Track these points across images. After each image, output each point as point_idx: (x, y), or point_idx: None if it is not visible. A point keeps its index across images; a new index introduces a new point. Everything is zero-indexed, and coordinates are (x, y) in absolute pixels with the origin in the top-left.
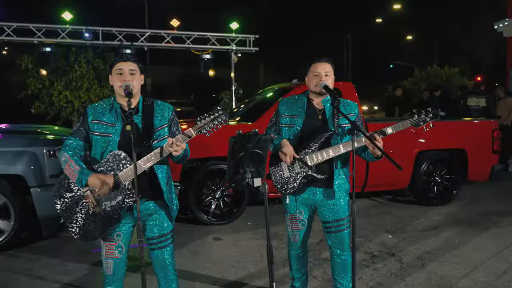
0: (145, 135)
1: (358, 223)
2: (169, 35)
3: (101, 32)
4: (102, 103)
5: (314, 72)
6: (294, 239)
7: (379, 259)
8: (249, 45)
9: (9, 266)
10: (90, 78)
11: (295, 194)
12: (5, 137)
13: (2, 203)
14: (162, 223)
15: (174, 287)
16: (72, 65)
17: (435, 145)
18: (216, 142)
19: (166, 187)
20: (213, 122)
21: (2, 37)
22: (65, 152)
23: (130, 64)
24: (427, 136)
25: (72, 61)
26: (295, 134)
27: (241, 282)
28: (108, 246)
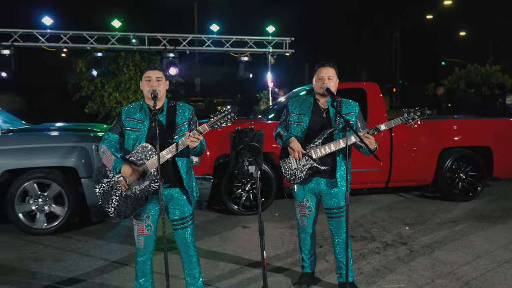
0: (168, 130)
1: (379, 216)
2: (209, 39)
3: (147, 37)
4: (134, 104)
5: (319, 76)
6: (302, 224)
7: (391, 247)
8: (285, 47)
9: (64, 245)
10: (137, 81)
11: (302, 184)
12: (60, 134)
13: (57, 192)
14: (183, 207)
15: (194, 261)
16: (121, 68)
17: (459, 142)
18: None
19: (186, 175)
20: (224, 119)
21: (59, 44)
22: (104, 145)
23: (157, 72)
24: (451, 133)
25: (121, 65)
26: (302, 131)
27: (260, 261)
28: (139, 225)
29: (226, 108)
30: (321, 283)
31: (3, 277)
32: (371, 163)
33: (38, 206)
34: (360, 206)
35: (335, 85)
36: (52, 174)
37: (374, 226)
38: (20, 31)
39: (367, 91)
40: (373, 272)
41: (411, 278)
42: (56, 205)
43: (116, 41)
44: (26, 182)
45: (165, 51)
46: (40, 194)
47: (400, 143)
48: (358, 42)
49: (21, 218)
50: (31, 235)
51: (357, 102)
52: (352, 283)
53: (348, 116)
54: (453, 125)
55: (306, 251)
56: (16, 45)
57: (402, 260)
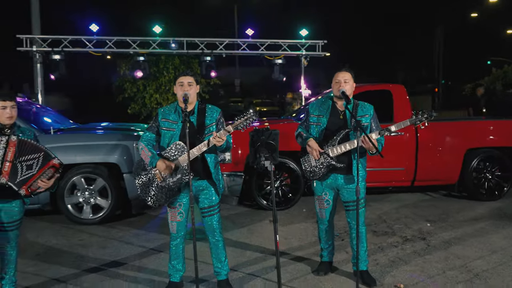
0: (198, 130)
1: (403, 213)
2: (244, 42)
3: (185, 42)
4: (169, 107)
5: (336, 80)
6: (321, 216)
7: (409, 242)
8: (318, 50)
9: (107, 234)
10: None
11: (320, 180)
12: (105, 133)
13: (102, 186)
14: (211, 197)
15: (220, 246)
16: (162, 71)
17: (485, 143)
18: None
19: (214, 169)
20: (246, 121)
21: (105, 49)
22: (142, 142)
23: (189, 77)
24: (477, 134)
25: (161, 68)
26: (321, 131)
27: (284, 252)
28: (172, 212)
29: (248, 112)
30: (338, 271)
31: (56, 259)
32: (396, 162)
33: (85, 198)
34: (386, 204)
35: (351, 88)
36: (98, 170)
37: (396, 222)
38: (70, 38)
39: (393, 92)
40: (388, 263)
41: (423, 269)
42: (101, 198)
43: (157, 46)
44: (74, 177)
45: (202, 55)
46: (87, 188)
47: (425, 143)
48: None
49: (70, 209)
50: (78, 224)
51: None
52: (366, 272)
53: (363, 118)
54: (479, 126)
55: (324, 241)
56: (66, 50)
57: (418, 254)
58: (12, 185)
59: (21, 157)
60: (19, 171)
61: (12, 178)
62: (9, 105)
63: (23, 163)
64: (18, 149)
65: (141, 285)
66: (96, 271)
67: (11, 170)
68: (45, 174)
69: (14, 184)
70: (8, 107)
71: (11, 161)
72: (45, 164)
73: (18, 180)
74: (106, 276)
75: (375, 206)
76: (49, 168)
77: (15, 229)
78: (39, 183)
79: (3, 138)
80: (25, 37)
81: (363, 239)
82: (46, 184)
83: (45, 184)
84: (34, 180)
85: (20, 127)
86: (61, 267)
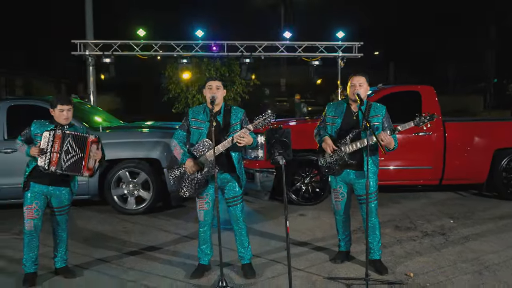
0: (224, 129)
1: (428, 210)
2: (282, 45)
3: (226, 45)
4: (198, 107)
5: (351, 83)
6: (337, 208)
7: (429, 236)
8: (355, 51)
9: (148, 223)
10: None
11: (335, 175)
12: (148, 131)
13: (144, 179)
14: (235, 189)
15: (244, 233)
16: (204, 73)
17: None
18: (304, 137)
19: (237, 164)
20: (264, 121)
21: (151, 52)
22: (175, 140)
23: (217, 82)
24: (506, 134)
25: (203, 69)
26: (336, 130)
27: (307, 242)
28: (200, 202)
29: (266, 113)
30: (354, 260)
31: (101, 243)
32: (424, 161)
33: (129, 190)
34: (413, 201)
35: (365, 91)
36: (141, 164)
37: (420, 219)
38: (119, 42)
39: (422, 93)
40: (403, 254)
41: (436, 261)
42: (143, 190)
43: (199, 49)
44: (120, 170)
45: (242, 57)
46: (131, 181)
47: (453, 143)
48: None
49: (116, 200)
50: (123, 214)
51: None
52: (379, 261)
53: (375, 118)
54: (507, 126)
55: (341, 232)
56: (115, 54)
57: (435, 247)
58: (61, 172)
59: (65, 147)
60: (64, 159)
61: (58, 166)
62: (66, 109)
63: (67, 152)
64: (63, 141)
65: (174, 266)
66: (136, 254)
67: (58, 159)
68: (91, 151)
69: (61, 171)
70: (65, 110)
71: (57, 152)
72: (86, 145)
73: (65, 167)
74: (144, 259)
75: (403, 203)
76: (91, 145)
77: (65, 213)
78: (91, 161)
79: (51, 132)
80: (79, 42)
81: (376, 230)
82: (97, 155)
83: (96, 155)
84: (87, 161)
85: (73, 125)
86: (106, 250)
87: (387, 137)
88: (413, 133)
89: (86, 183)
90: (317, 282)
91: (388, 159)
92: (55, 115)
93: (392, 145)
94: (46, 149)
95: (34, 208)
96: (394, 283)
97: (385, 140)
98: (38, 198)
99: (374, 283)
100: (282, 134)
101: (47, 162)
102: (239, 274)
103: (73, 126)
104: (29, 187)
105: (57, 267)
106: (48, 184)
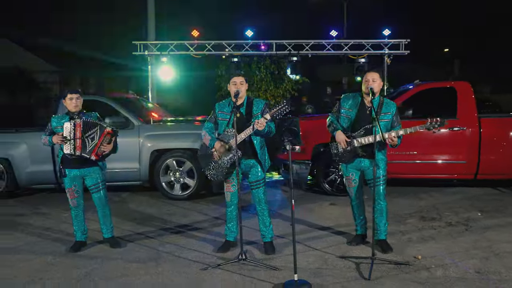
0: (247, 119)
1: (460, 204)
2: (329, 43)
3: (274, 44)
4: (224, 101)
5: (365, 79)
6: (350, 194)
7: (450, 226)
8: (402, 49)
9: (190, 207)
10: (267, 81)
11: (347, 163)
12: (193, 124)
13: (189, 168)
14: (258, 173)
15: (266, 214)
16: (254, 71)
17: None
18: None
19: (260, 150)
20: (279, 110)
21: (204, 51)
22: (204, 130)
23: (241, 77)
24: None
25: (253, 68)
26: (349, 122)
27: (329, 227)
28: (227, 185)
29: (282, 102)
30: (369, 244)
31: (147, 222)
32: (459, 155)
33: (176, 178)
34: (447, 195)
35: (379, 86)
36: (186, 154)
37: (448, 211)
38: (175, 42)
39: (457, 90)
40: (419, 240)
41: (448, 247)
42: (189, 178)
43: (249, 48)
44: (168, 159)
45: (289, 56)
46: (177, 169)
47: (488, 138)
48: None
49: (164, 186)
50: (170, 199)
51: (447, 101)
52: (384, 241)
53: (386, 115)
54: None
55: (356, 216)
56: (171, 53)
57: (452, 235)
58: (85, 155)
59: (86, 133)
60: (87, 144)
61: (84, 150)
62: (75, 97)
63: (88, 137)
64: (83, 128)
65: (205, 242)
66: (176, 233)
67: (82, 144)
68: (104, 140)
69: (86, 153)
70: (74, 99)
71: (80, 137)
72: (102, 133)
73: (88, 150)
74: (181, 236)
75: (436, 197)
76: (106, 135)
77: (102, 189)
78: (102, 148)
79: (72, 122)
80: (139, 43)
81: (383, 212)
82: (108, 147)
83: (107, 147)
84: (98, 147)
85: (85, 112)
86: (150, 228)
87: (394, 140)
88: (447, 128)
89: (138, 170)
90: (329, 260)
91: (421, 153)
92: (66, 103)
93: (395, 143)
94: (70, 137)
95: (74, 189)
96: (400, 263)
97: (392, 142)
98: (75, 181)
99: (382, 262)
100: (291, 123)
101: (73, 148)
102: (260, 251)
103: (86, 114)
104: (65, 173)
105: (105, 237)
106: (78, 168)
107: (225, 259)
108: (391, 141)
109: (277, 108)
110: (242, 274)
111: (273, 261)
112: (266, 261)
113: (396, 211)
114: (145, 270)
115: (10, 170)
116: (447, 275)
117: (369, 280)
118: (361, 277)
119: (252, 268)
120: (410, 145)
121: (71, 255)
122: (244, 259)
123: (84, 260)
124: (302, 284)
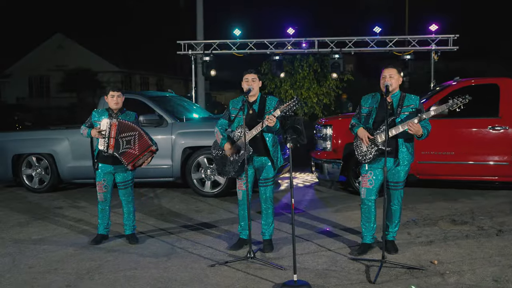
0: (259, 115)
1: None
2: (373, 40)
3: (316, 42)
4: (237, 98)
5: (382, 75)
6: (362, 195)
7: (482, 231)
8: (450, 44)
9: (217, 204)
10: (310, 79)
11: (370, 163)
12: None
13: None
14: (268, 171)
15: (270, 212)
16: (296, 69)
17: None
18: None
19: (272, 148)
20: (288, 106)
21: (246, 50)
22: (217, 127)
23: (253, 75)
24: None
25: (296, 66)
26: (371, 121)
27: (351, 228)
28: (239, 182)
29: (292, 99)
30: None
31: (172, 218)
32: (500, 156)
33: (207, 175)
34: (488, 198)
35: (397, 81)
36: None
37: (483, 215)
38: (218, 41)
39: (500, 86)
40: (440, 244)
41: (471, 252)
42: (219, 176)
43: (291, 46)
44: (199, 157)
45: (331, 53)
46: (208, 166)
47: None
48: None
49: (195, 183)
50: (200, 196)
51: (490, 97)
52: (392, 241)
53: (409, 108)
54: None
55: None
56: (214, 53)
57: (478, 240)
58: (117, 155)
59: (121, 134)
60: (120, 144)
61: (116, 149)
62: (116, 95)
63: (123, 139)
64: (118, 128)
65: (221, 240)
66: (195, 229)
67: (115, 143)
68: (145, 156)
69: (118, 154)
70: (115, 96)
71: (114, 137)
72: (144, 147)
73: (120, 151)
74: (200, 232)
75: (475, 199)
76: (149, 152)
77: (128, 187)
78: (141, 161)
79: (108, 121)
80: (183, 42)
81: (397, 215)
82: (146, 162)
83: (145, 162)
84: (138, 159)
85: (125, 111)
86: (172, 224)
87: (414, 126)
88: (488, 127)
89: (170, 167)
90: (339, 261)
91: (460, 153)
92: (107, 100)
93: (420, 132)
94: (105, 134)
95: (103, 184)
96: (413, 267)
97: (413, 128)
98: (106, 176)
99: (394, 266)
100: (294, 121)
101: (106, 146)
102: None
103: (124, 113)
104: (98, 167)
105: (126, 234)
106: (111, 164)
107: (235, 256)
108: (412, 128)
109: (285, 105)
110: (247, 272)
111: (282, 260)
112: (275, 260)
113: (428, 214)
114: (155, 264)
115: (54, 165)
116: (461, 282)
117: (373, 283)
118: (366, 280)
119: (259, 266)
120: (447, 145)
121: (91, 248)
122: (252, 257)
123: (102, 252)
124: (301, 284)
